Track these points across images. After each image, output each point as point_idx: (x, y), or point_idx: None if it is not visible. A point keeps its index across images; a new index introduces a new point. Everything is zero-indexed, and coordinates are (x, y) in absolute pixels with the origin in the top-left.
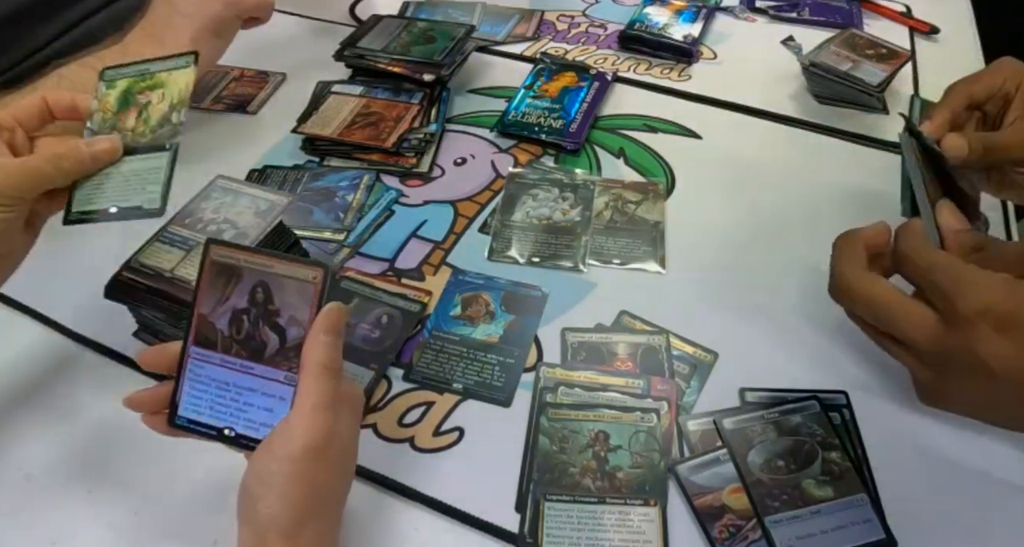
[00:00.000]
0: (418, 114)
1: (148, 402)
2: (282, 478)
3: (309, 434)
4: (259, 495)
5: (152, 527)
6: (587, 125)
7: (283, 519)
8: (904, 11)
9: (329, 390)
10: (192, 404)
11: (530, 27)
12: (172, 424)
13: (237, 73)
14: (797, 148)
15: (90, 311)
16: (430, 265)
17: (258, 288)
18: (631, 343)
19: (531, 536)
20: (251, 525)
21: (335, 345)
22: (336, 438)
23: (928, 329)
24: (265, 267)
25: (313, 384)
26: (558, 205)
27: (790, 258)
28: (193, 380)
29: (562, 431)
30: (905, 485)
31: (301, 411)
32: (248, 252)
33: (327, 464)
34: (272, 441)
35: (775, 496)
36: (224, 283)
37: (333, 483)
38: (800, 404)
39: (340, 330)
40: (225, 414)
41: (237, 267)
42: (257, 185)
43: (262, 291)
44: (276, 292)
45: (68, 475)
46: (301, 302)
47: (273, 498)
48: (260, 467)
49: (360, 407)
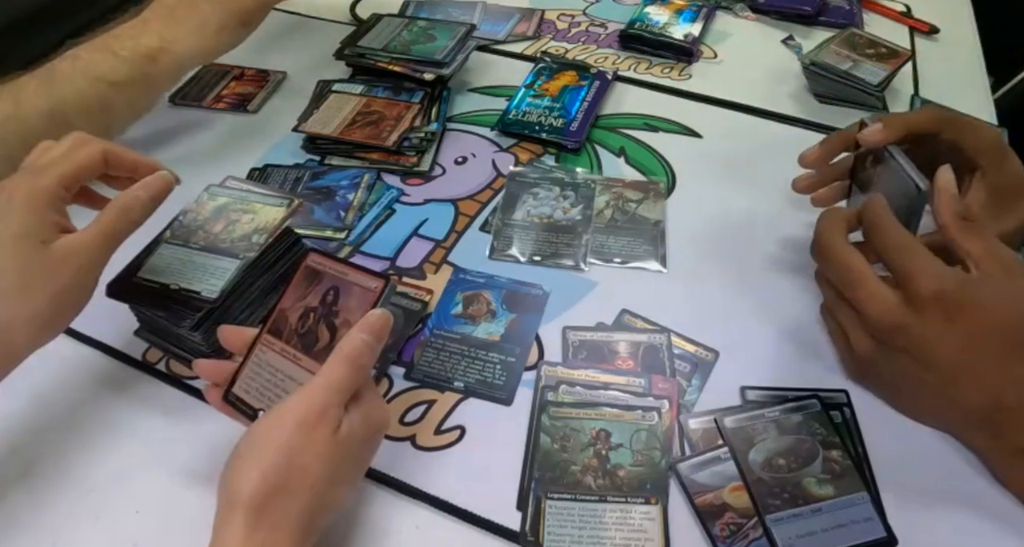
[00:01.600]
0: (419, 113)
1: (213, 372)
2: (268, 444)
3: (306, 406)
4: (241, 457)
5: (152, 527)
6: (588, 124)
7: (251, 490)
8: (904, 11)
9: (342, 377)
10: (246, 384)
11: (531, 26)
12: (224, 398)
13: (238, 72)
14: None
15: (91, 309)
16: (431, 264)
17: (330, 291)
18: (632, 342)
19: (532, 534)
20: (224, 493)
21: (368, 343)
22: (334, 422)
23: (885, 303)
24: (341, 274)
25: (330, 367)
26: (559, 204)
27: (791, 257)
28: (255, 363)
29: (563, 429)
30: (906, 484)
31: (309, 385)
32: (336, 261)
33: (316, 446)
34: (274, 408)
35: (776, 494)
36: (307, 284)
37: (317, 472)
38: (801, 403)
39: (378, 333)
40: (265, 398)
41: (321, 272)
42: (264, 186)
43: (333, 294)
44: (343, 296)
45: (68, 474)
46: (358, 307)
47: (250, 467)
48: (254, 428)
49: (381, 428)
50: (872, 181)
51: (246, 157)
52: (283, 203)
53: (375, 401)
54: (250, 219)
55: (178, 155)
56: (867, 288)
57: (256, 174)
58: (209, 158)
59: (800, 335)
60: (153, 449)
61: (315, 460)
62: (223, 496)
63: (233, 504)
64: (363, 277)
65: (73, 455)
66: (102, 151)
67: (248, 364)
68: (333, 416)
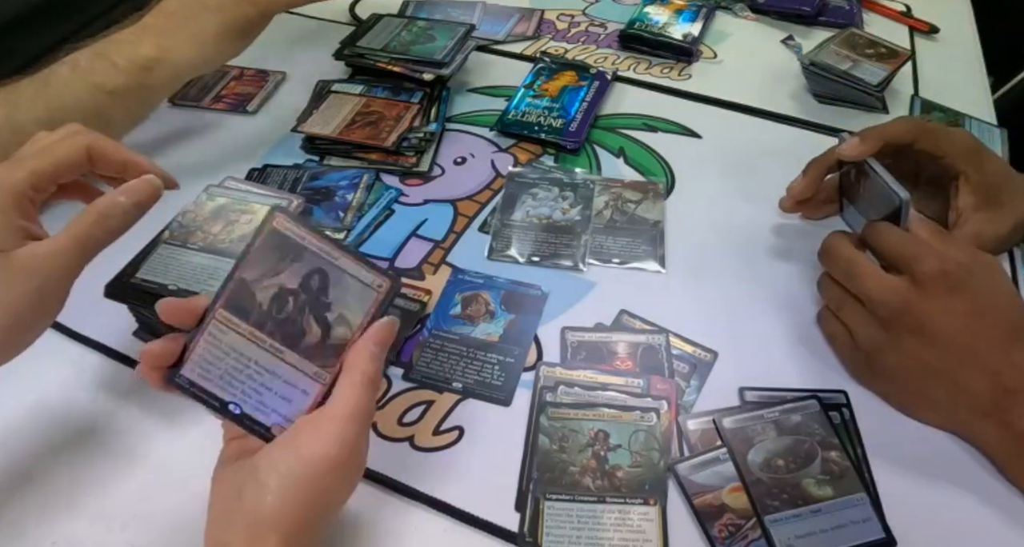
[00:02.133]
0: (418, 113)
1: (159, 354)
2: (299, 479)
3: (338, 442)
4: (269, 488)
5: (152, 527)
6: (587, 124)
7: (289, 519)
8: (904, 10)
9: (368, 403)
10: (201, 367)
11: (530, 26)
12: (170, 380)
13: (237, 72)
14: (797, 147)
15: (89, 310)
16: (430, 264)
17: (315, 275)
18: (631, 342)
19: (531, 535)
20: (251, 516)
21: (380, 358)
22: (357, 452)
23: (891, 285)
24: (330, 257)
25: (354, 393)
26: (558, 204)
27: (790, 257)
28: (210, 343)
29: (562, 430)
30: (905, 484)
31: (335, 416)
32: (317, 236)
33: (341, 475)
34: (298, 437)
35: (775, 495)
36: (279, 257)
37: (337, 495)
38: (800, 403)
39: (388, 345)
40: (235, 389)
41: (300, 246)
42: (264, 186)
43: (319, 279)
44: (334, 286)
45: (67, 474)
46: (358, 305)
47: (282, 496)
48: (277, 457)
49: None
50: (859, 194)
51: (245, 157)
52: (282, 204)
53: None
54: (249, 220)
55: (177, 156)
56: (873, 276)
57: (255, 174)
58: (208, 159)
59: (799, 335)
60: (153, 450)
61: (343, 485)
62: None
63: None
64: (361, 269)
65: (72, 455)
66: (86, 146)
67: (201, 343)
68: (360, 448)
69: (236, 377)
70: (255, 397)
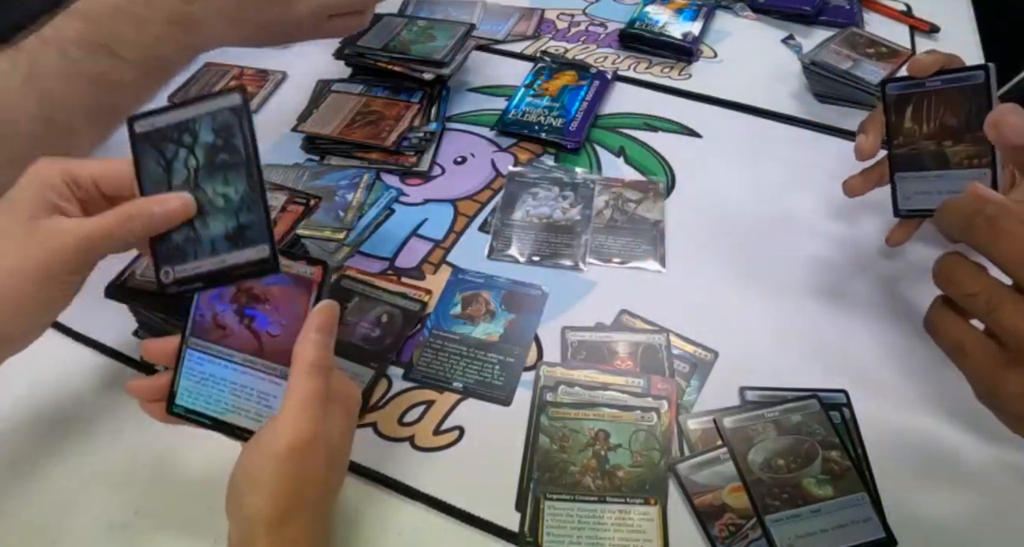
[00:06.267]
0: (418, 113)
1: (147, 390)
2: (268, 474)
3: (294, 432)
4: (245, 490)
5: (152, 526)
6: (587, 124)
7: (268, 511)
8: (904, 10)
9: (316, 388)
10: (189, 394)
11: (530, 25)
12: (170, 412)
13: (237, 72)
14: (797, 147)
15: (89, 310)
16: (430, 264)
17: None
18: (631, 342)
19: (531, 535)
20: (238, 519)
21: (325, 343)
22: (324, 436)
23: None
24: None
25: (301, 382)
26: (558, 204)
27: (790, 257)
28: (189, 372)
29: (562, 430)
30: (905, 484)
31: (287, 409)
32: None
33: (315, 460)
34: (260, 437)
35: (775, 495)
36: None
37: (321, 478)
38: (800, 403)
39: (331, 329)
40: (221, 405)
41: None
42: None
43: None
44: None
45: (67, 474)
46: (296, 298)
47: (259, 494)
48: (247, 462)
49: (355, 405)
50: (922, 130)
51: None
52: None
53: (341, 384)
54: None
55: None
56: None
57: None
58: None
59: (800, 335)
60: (153, 450)
61: (317, 470)
62: (238, 522)
63: (252, 526)
64: (292, 263)
65: (72, 455)
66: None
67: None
68: (321, 431)
69: (222, 396)
70: (244, 411)
